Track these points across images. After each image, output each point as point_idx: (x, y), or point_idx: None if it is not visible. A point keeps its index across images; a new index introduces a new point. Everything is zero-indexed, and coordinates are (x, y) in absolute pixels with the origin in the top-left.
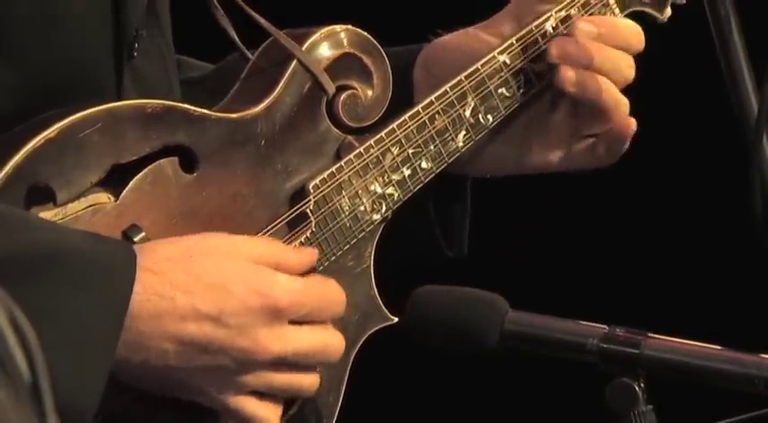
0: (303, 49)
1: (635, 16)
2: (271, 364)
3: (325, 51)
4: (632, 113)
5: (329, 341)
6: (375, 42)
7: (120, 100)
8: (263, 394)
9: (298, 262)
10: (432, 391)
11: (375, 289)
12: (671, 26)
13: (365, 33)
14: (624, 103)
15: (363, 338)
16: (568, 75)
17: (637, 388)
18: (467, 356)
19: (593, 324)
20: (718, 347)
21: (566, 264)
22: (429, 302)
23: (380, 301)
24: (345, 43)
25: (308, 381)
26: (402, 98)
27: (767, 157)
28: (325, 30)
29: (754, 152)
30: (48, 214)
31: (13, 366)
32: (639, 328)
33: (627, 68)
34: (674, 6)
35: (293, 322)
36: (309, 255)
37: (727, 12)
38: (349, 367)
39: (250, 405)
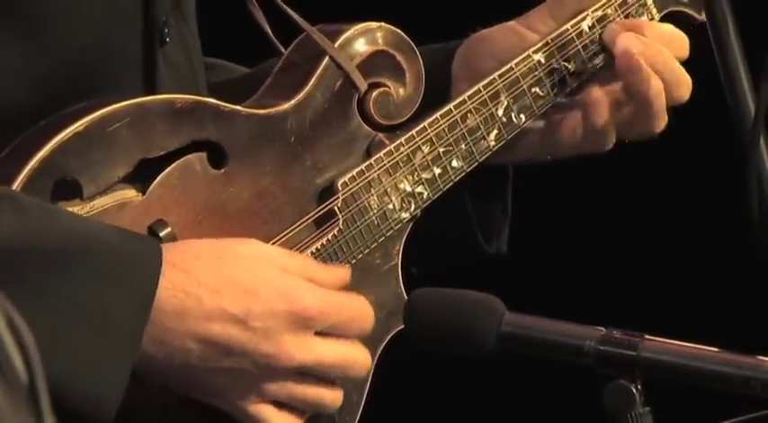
0: (336, 45)
1: (671, 17)
2: (293, 373)
3: (358, 48)
4: None
5: (354, 356)
6: (408, 40)
7: (154, 87)
8: (283, 405)
9: (328, 279)
10: (429, 392)
11: (402, 287)
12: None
13: (399, 31)
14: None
15: (389, 337)
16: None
17: (634, 390)
18: (464, 358)
19: (590, 326)
20: (715, 349)
21: (562, 265)
22: (426, 305)
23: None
24: (379, 40)
25: (330, 396)
26: (440, 92)
27: (764, 159)
28: (358, 26)
29: (751, 154)
30: (74, 208)
31: (10, 368)
32: (636, 330)
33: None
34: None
35: (320, 334)
36: (342, 273)
37: (724, 13)
38: (374, 366)
39: (269, 413)
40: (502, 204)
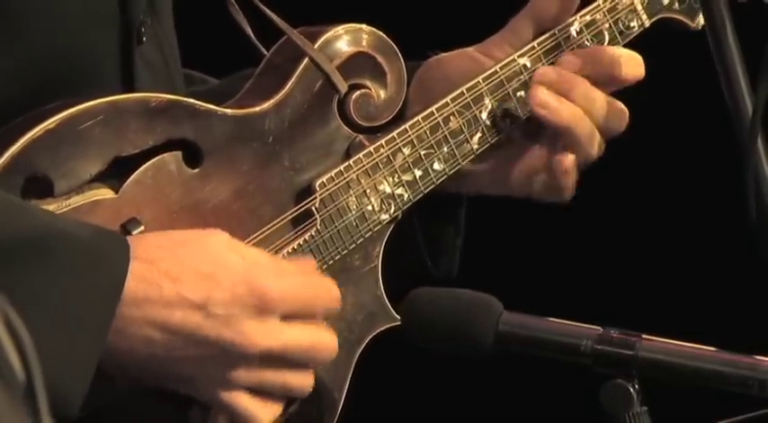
0: (316, 46)
1: (665, 24)
2: (260, 359)
3: (339, 49)
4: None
5: (321, 340)
6: (390, 42)
7: (132, 86)
8: (256, 392)
9: (293, 268)
10: (426, 392)
11: (382, 289)
12: (665, 27)
13: (380, 33)
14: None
15: (368, 338)
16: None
17: (631, 389)
18: (461, 357)
19: (588, 325)
20: (713, 349)
21: (560, 264)
22: (423, 304)
23: (387, 302)
24: (360, 42)
25: (300, 380)
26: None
27: (762, 158)
28: (339, 28)
29: (749, 153)
30: (46, 205)
31: (8, 367)
32: (634, 330)
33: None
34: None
35: (285, 318)
36: (306, 263)
37: (722, 13)
38: (353, 366)
39: (240, 400)
40: (454, 227)
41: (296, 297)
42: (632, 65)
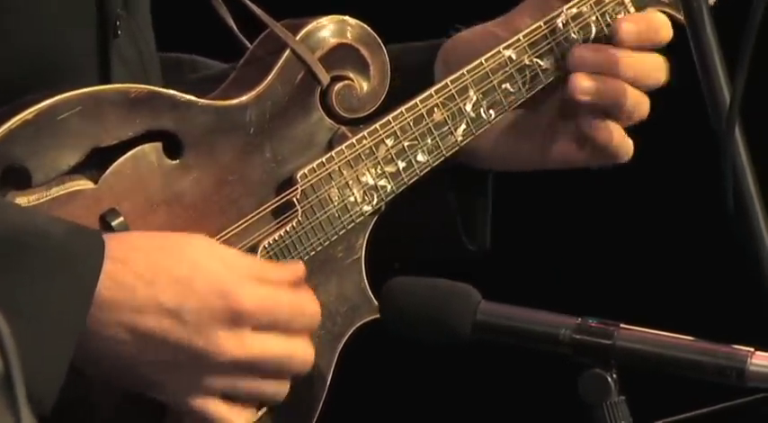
0: (297, 38)
1: None
2: (231, 368)
3: (322, 41)
4: None
5: (294, 351)
6: (373, 34)
7: (107, 79)
8: (228, 398)
9: (279, 275)
10: (403, 380)
11: (366, 281)
12: None
13: (363, 24)
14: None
15: (351, 330)
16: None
17: (609, 379)
18: (439, 347)
19: (566, 315)
20: (691, 338)
21: (538, 254)
22: (402, 293)
23: (371, 294)
24: (343, 33)
25: (273, 389)
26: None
27: (739, 148)
28: (322, 20)
29: (727, 143)
30: (25, 196)
31: None
32: (612, 319)
33: (654, 72)
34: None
35: (261, 329)
36: (295, 267)
37: (700, 3)
38: (335, 359)
39: (211, 406)
40: (483, 199)
41: (272, 310)
42: (665, 30)
